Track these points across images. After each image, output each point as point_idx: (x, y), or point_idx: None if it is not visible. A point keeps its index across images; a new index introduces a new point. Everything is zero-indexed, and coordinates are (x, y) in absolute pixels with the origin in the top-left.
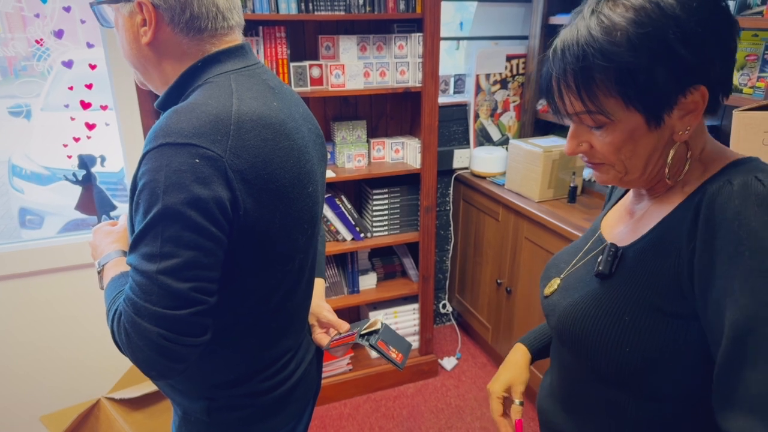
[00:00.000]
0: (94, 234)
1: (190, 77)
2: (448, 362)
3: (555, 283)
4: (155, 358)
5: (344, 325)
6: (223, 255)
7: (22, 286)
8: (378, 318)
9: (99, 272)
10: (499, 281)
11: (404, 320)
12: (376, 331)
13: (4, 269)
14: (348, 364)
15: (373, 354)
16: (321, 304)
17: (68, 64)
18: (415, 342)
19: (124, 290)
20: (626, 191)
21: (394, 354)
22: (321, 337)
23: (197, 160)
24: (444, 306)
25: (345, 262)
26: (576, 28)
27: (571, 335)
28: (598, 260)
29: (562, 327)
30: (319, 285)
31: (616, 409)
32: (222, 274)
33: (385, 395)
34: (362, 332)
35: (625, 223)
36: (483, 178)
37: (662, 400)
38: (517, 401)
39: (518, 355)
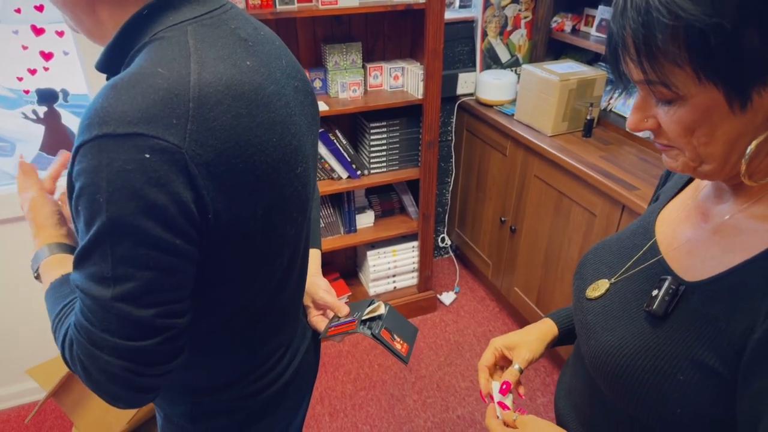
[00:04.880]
0: (27, 205)
1: (133, 31)
2: (447, 297)
3: (603, 286)
4: (120, 391)
5: (343, 309)
6: (194, 268)
7: (3, 232)
8: (380, 302)
9: (35, 272)
10: (503, 219)
11: (403, 258)
12: (379, 317)
13: None
14: (346, 302)
15: (367, 332)
16: (317, 282)
17: None
18: (413, 279)
19: (74, 311)
20: None
21: (398, 345)
22: (317, 321)
23: (147, 155)
24: (443, 240)
25: (341, 201)
26: None
27: (611, 379)
28: (653, 294)
29: (599, 366)
30: (315, 258)
31: None
32: (194, 286)
33: None
34: (364, 317)
35: (693, 226)
36: (490, 106)
37: None
38: (516, 366)
39: (543, 327)
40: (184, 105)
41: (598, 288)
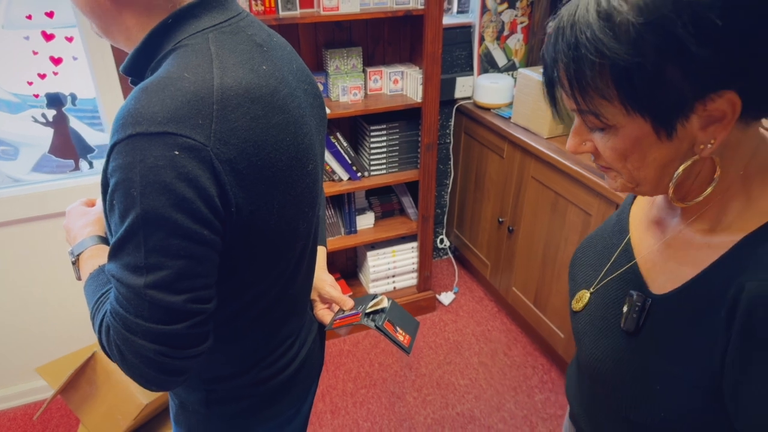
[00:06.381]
0: (67, 215)
1: (159, 38)
2: (446, 297)
3: (584, 297)
4: (153, 374)
5: (348, 302)
6: (218, 257)
7: (8, 233)
8: (383, 296)
9: (73, 262)
10: (500, 219)
11: (402, 258)
12: (382, 310)
13: None
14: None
15: (371, 324)
16: (323, 277)
17: None
18: (413, 279)
19: (109, 299)
20: None
21: (401, 337)
22: (323, 314)
23: (176, 152)
24: (441, 241)
25: (342, 203)
26: (578, 2)
27: (602, 386)
28: (624, 311)
29: (591, 374)
30: (321, 254)
31: None
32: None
33: None
34: (367, 311)
35: (654, 236)
36: (487, 110)
37: None
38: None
39: None
40: (209, 107)
41: (581, 299)
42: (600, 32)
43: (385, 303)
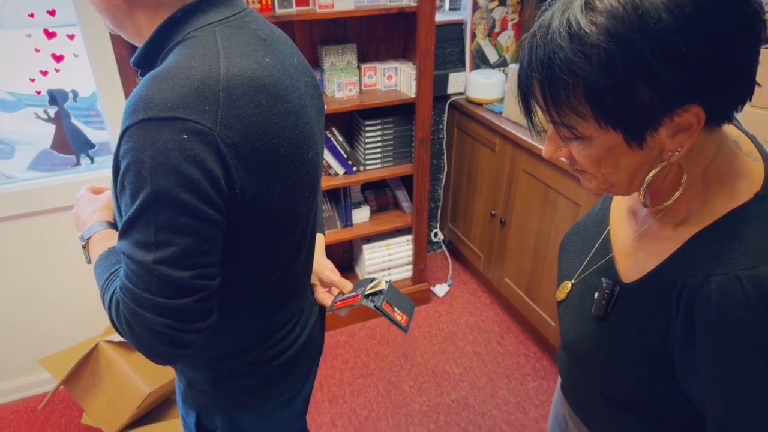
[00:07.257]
0: (76, 203)
1: (168, 31)
2: (440, 289)
3: (566, 288)
4: (161, 347)
5: (347, 285)
6: (223, 236)
7: (7, 229)
8: (381, 279)
9: (83, 246)
10: (493, 212)
11: (397, 251)
12: (380, 292)
13: None
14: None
15: (370, 305)
16: (322, 263)
17: None
18: (408, 272)
19: (119, 276)
20: None
21: (399, 316)
22: (324, 297)
23: (185, 136)
24: (435, 234)
25: (338, 197)
26: (551, 17)
27: (579, 366)
28: (595, 297)
29: (571, 356)
30: (320, 241)
31: (617, 418)
32: (222, 255)
33: (379, 323)
34: (366, 293)
35: (630, 226)
36: (479, 105)
37: (667, 418)
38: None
39: None
40: (216, 94)
41: (563, 290)
42: (572, 54)
43: (383, 285)
